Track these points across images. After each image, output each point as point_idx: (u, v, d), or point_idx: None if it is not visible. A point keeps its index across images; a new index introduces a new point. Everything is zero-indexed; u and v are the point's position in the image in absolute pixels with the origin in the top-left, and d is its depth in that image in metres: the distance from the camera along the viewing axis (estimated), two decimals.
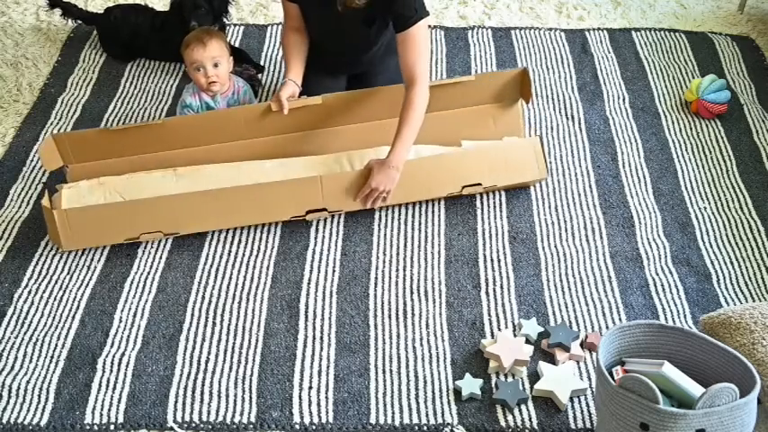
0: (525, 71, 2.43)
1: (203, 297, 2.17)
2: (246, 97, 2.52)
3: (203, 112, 2.45)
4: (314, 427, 1.89)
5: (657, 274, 2.23)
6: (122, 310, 2.14)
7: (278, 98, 2.32)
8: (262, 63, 2.97)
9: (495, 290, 2.19)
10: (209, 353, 2.04)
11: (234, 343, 2.06)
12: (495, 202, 2.43)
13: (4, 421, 1.89)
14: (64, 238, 2.19)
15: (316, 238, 2.32)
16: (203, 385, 1.97)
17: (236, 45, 3.04)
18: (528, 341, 2.06)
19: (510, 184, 2.40)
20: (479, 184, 2.34)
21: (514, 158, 2.38)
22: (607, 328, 2.10)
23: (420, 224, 2.37)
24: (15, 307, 2.15)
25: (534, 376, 1.98)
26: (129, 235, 2.24)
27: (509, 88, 2.46)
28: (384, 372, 2.00)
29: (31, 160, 2.58)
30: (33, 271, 2.24)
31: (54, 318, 2.12)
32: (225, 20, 2.91)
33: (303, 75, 2.43)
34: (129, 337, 2.08)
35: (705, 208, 2.43)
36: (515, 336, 2.07)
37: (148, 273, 2.23)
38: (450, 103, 2.44)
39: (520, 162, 2.38)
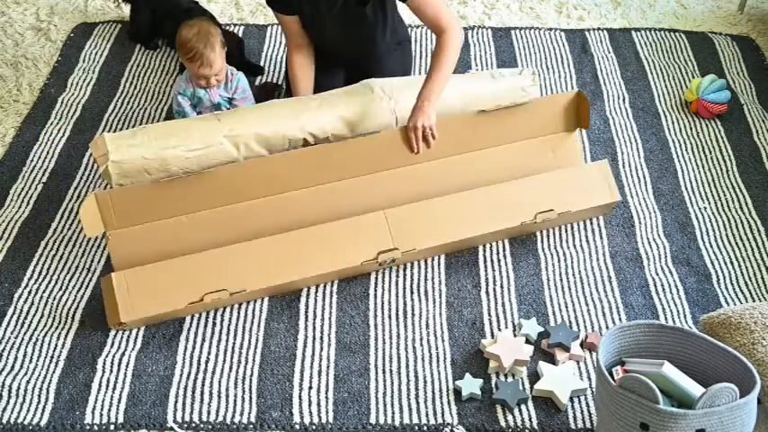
0: (581, 94, 2.34)
1: (203, 297, 2.17)
2: (240, 85, 2.48)
3: (197, 102, 2.45)
4: (314, 427, 1.89)
5: (657, 274, 2.23)
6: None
7: None
8: (261, 63, 2.97)
9: (495, 290, 2.19)
10: (209, 353, 2.04)
11: (234, 343, 2.06)
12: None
13: (4, 421, 1.89)
14: (123, 310, 2.02)
15: None
16: (203, 385, 1.97)
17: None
18: (528, 341, 2.06)
19: (583, 208, 2.30)
20: (552, 210, 2.25)
21: (583, 182, 2.31)
22: (607, 328, 2.10)
23: None
24: (15, 307, 2.15)
25: (534, 376, 1.98)
26: (192, 298, 2.06)
27: (564, 114, 2.35)
28: (384, 372, 2.00)
29: (31, 160, 2.58)
30: (33, 271, 2.24)
31: (54, 318, 2.12)
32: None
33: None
34: (129, 337, 2.08)
35: (705, 208, 2.43)
36: (515, 336, 2.07)
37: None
38: (503, 137, 2.32)
39: (590, 185, 2.31)
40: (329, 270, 2.14)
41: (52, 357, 2.03)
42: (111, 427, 1.89)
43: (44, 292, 2.19)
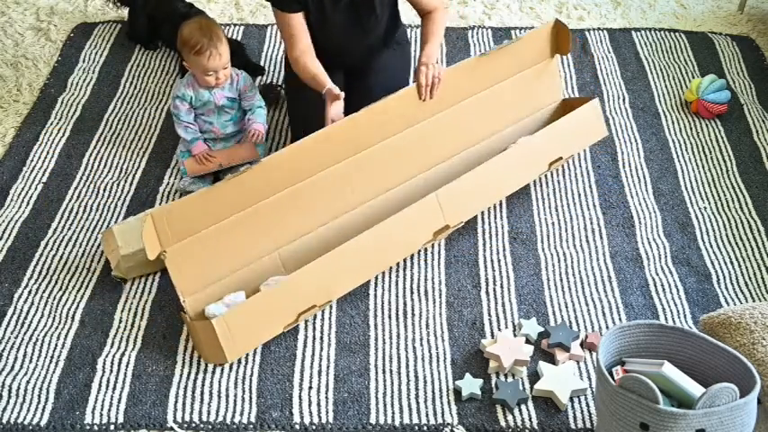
0: (558, 22, 2.49)
1: (298, 317, 2.15)
2: (246, 84, 2.46)
3: (200, 105, 2.42)
4: (314, 427, 1.89)
5: (657, 274, 2.23)
6: (122, 311, 2.14)
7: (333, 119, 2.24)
8: (262, 63, 2.97)
9: (495, 290, 2.19)
10: None
11: None
12: (495, 203, 2.43)
13: (4, 421, 1.89)
14: (228, 352, 1.99)
15: None
16: (203, 385, 1.97)
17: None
18: (528, 341, 2.06)
19: (584, 148, 2.56)
20: (561, 158, 2.43)
21: (581, 124, 2.49)
22: (607, 328, 2.10)
23: None
24: (15, 307, 2.15)
25: (534, 376, 1.98)
26: (287, 321, 2.06)
27: (549, 44, 2.53)
28: (384, 372, 2.00)
29: (31, 160, 2.58)
30: (33, 271, 2.24)
31: (54, 318, 2.12)
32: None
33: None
34: (129, 337, 2.08)
35: (705, 208, 2.43)
36: (515, 336, 2.07)
37: (148, 273, 2.23)
38: (498, 75, 2.49)
39: (587, 126, 2.51)
40: (398, 260, 2.23)
41: (52, 357, 2.03)
42: (111, 427, 1.89)
43: (44, 292, 2.19)
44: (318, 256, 2.09)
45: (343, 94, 2.27)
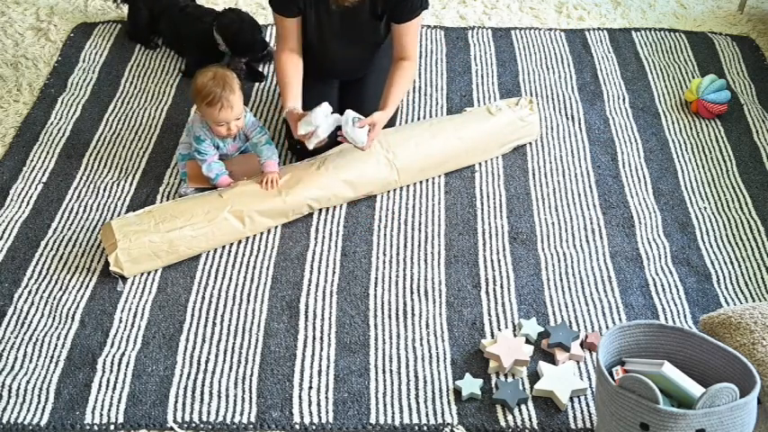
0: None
1: (203, 297, 2.17)
2: (250, 123, 2.36)
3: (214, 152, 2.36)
4: (314, 427, 1.89)
5: (657, 274, 2.23)
6: (122, 310, 2.14)
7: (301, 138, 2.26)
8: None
9: (495, 290, 2.19)
10: (209, 353, 2.04)
11: (234, 343, 2.06)
12: (495, 202, 2.43)
13: (4, 421, 1.89)
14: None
15: (316, 238, 2.33)
16: (203, 385, 1.97)
17: None
18: (528, 341, 2.06)
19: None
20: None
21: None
22: (607, 328, 2.10)
23: (420, 224, 2.37)
24: (15, 307, 2.15)
25: (534, 376, 1.98)
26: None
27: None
28: (384, 372, 2.00)
29: (31, 160, 2.58)
30: (33, 271, 2.24)
31: (54, 318, 2.12)
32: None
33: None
34: (129, 337, 2.08)
35: (705, 208, 2.43)
36: (515, 336, 2.07)
37: (148, 273, 2.23)
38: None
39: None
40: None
41: (52, 357, 2.03)
42: (111, 427, 1.89)
43: (44, 292, 2.19)
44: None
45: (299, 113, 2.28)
